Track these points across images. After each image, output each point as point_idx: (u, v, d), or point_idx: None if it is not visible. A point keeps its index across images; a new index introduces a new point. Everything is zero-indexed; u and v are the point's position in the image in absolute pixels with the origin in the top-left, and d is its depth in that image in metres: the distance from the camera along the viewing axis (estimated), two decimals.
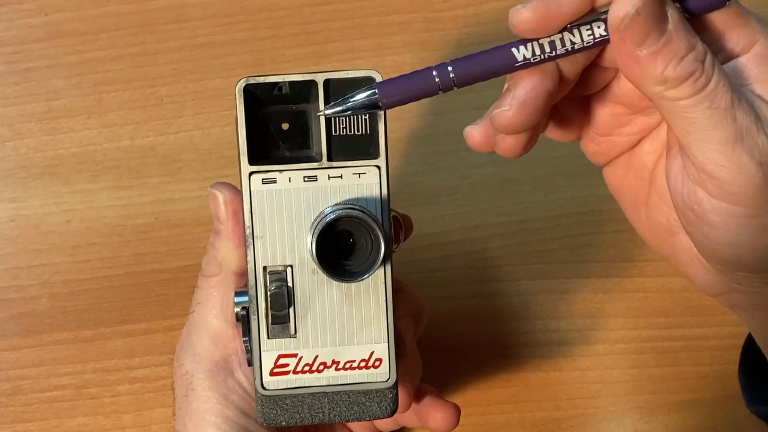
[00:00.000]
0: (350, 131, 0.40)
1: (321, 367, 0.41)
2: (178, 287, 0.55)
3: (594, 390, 0.54)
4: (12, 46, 0.58)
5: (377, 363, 0.42)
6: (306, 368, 0.41)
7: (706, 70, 0.34)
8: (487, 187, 0.57)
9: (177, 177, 0.57)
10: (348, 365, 0.42)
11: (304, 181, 0.40)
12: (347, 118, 0.40)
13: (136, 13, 0.59)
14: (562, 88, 0.38)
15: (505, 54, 0.36)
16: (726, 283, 0.40)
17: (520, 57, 0.35)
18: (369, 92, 0.37)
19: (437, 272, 0.56)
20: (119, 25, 0.59)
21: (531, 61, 0.35)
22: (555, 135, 0.42)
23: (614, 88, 0.39)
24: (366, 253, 0.40)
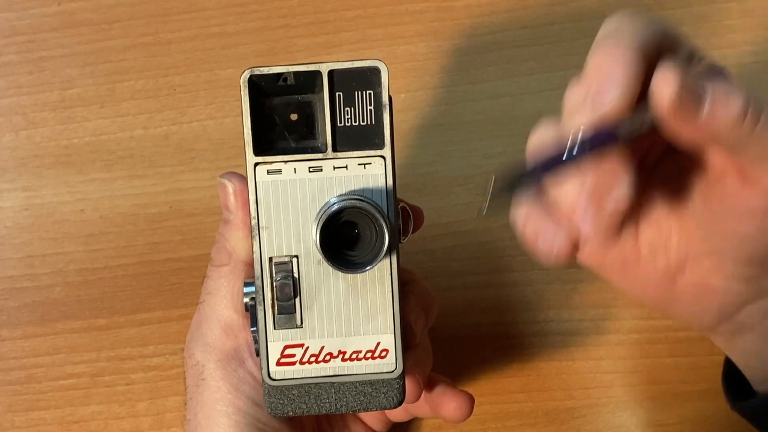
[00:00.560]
0: (355, 122, 0.40)
1: (327, 358, 0.42)
2: (192, 276, 0.55)
3: (607, 380, 0.54)
4: (26, 36, 0.59)
5: (383, 354, 0.42)
6: (312, 358, 0.42)
7: (752, 101, 0.37)
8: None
9: (190, 166, 0.57)
10: (354, 356, 0.42)
11: (310, 172, 0.40)
12: (352, 108, 0.40)
13: (149, 3, 0.59)
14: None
15: (611, 133, 0.37)
16: (744, 297, 0.42)
17: (623, 133, 0.37)
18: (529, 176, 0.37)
19: (450, 262, 0.55)
20: (132, 15, 0.59)
21: (629, 137, 0.37)
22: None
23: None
24: (370, 244, 0.40)
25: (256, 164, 0.41)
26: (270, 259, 0.41)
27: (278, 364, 0.42)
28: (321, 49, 0.58)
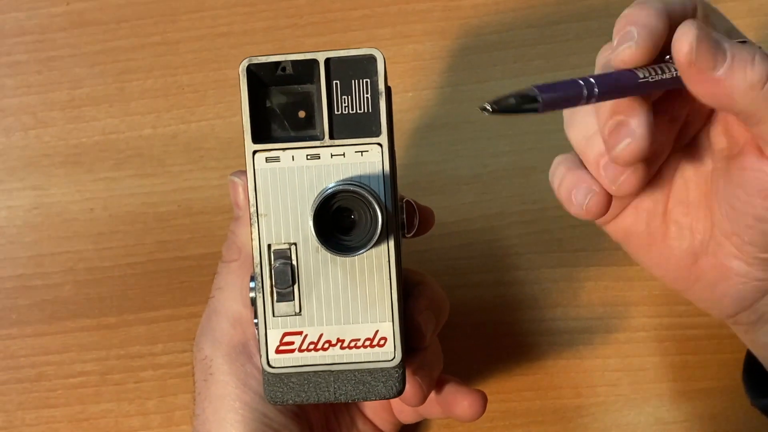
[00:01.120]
0: (352, 110, 0.41)
1: (326, 346, 0.42)
2: (201, 274, 0.55)
3: (615, 378, 0.54)
4: (35, 35, 0.59)
5: (382, 342, 0.42)
6: (311, 346, 0.42)
7: None
8: (507, 176, 0.56)
9: (199, 165, 0.57)
10: (353, 344, 0.42)
11: (307, 160, 0.41)
12: (349, 96, 0.41)
13: (158, 3, 0.59)
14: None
15: (632, 78, 0.38)
16: (765, 285, 0.42)
17: (641, 75, 0.38)
18: (529, 96, 0.36)
19: (457, 260, 0.56)
20: (141, 15, 0.59)
21: (649, 80, 0.38)
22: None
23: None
24: (365, 229, 0.40)
25: (255, 152, 0.41)
26: (269, 247, 0.41)
27: (277, 352, 0.42)
28: (328, 49, 0.58)
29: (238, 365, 0.44)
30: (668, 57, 0.39)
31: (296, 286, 0.41)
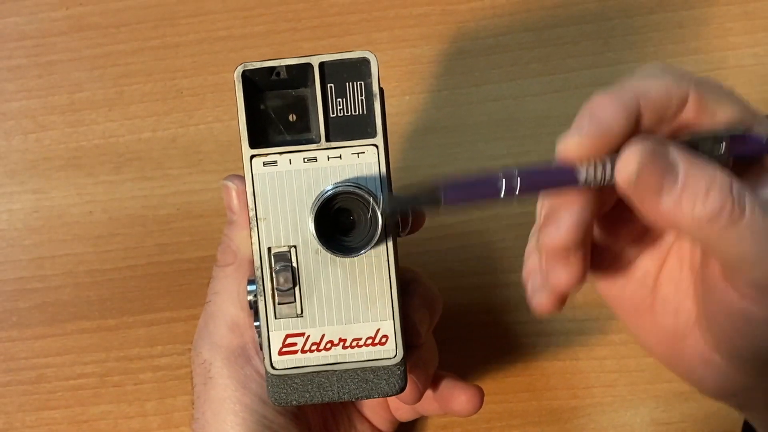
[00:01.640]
0: (347, 112, 0.41)
1: (328, 346, 0.42)
2: (200, 277, 0.55)
3: (611, 379, 0.54)
4: (35, 39, 0.59)
5: (383, 340, 0.42)
6: (314, 347, 0.42)
7: (739, 198, 0.34)
8: None
9: (198, 168, 0.57)
10: (355, 343, 0.42)
11: (304, 163, 0.41)
12: (344, 99, 0.41)
13: (157, 7, 0.59)
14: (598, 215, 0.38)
15: (569, 174, 0.35)
16: (742, 382, 0.39)
17: (582, 179, 0.35)
18: (432, 193, 0.34)
19: (454, 263, 0.56)
20: (140, 19, 0.59)
21: (591, 185, 0.35)
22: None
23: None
24: (365, 229, 0.40)
25: (252, 156, 0.41)
26: (269, 250, 0.41)
27: (280, 354, 0.42)
28: (325, 53, 0.58)
29: (237, 368, 0.44)
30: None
31: (297, 288, 0.42)
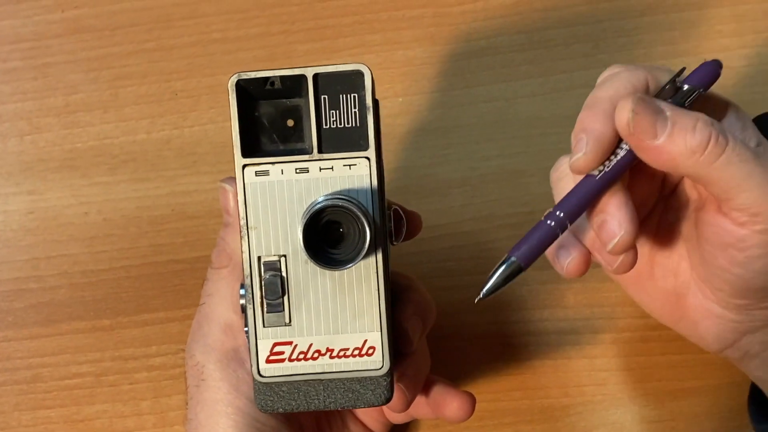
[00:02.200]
0: (340, 124, 0.41)
1: (316, 355, 0.42)
2: (194, 277, 0.56)
3: (602, 377, 0.55)
4: (30, 42, 0.59)
5: (370, 351, 0.42)
6: (301, 356, 0.42)
7: (720, 131, 0.39)
8: (496, 179, 0.57)
9: (192, 170, 0.58)
10: (342, 353, 0.42)
11: (296, 173, 0.41)
12: (337, 111, 0.41)
13: (152, 9, 0.60)
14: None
15: (588, 180, 0.41)
16: (742, 327, 0.44)
17: (597, 173, 0.41)
18: (510, 265, 0.42)
19: (447, 262, 0.56)
20: (135, 21, 0.59)
21: (606, 171, 0.41)
22: None
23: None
24: (354, 242, 0.40)
25: (245, 166, 0.41)
26: (258, 259, 0.42)
27: (267, 362, 0.42)
28: (320, 55, 0.59)
29: (230, 371, 0.44)
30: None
31: (286, 298, 0.42)
